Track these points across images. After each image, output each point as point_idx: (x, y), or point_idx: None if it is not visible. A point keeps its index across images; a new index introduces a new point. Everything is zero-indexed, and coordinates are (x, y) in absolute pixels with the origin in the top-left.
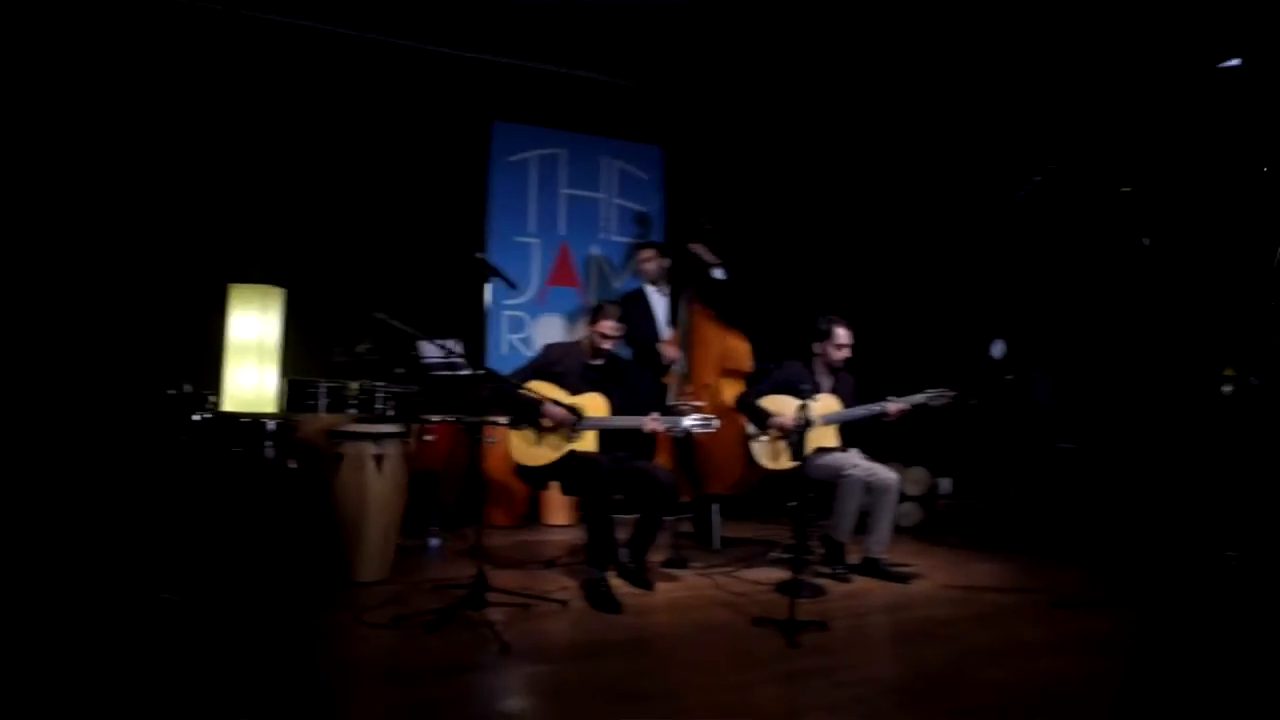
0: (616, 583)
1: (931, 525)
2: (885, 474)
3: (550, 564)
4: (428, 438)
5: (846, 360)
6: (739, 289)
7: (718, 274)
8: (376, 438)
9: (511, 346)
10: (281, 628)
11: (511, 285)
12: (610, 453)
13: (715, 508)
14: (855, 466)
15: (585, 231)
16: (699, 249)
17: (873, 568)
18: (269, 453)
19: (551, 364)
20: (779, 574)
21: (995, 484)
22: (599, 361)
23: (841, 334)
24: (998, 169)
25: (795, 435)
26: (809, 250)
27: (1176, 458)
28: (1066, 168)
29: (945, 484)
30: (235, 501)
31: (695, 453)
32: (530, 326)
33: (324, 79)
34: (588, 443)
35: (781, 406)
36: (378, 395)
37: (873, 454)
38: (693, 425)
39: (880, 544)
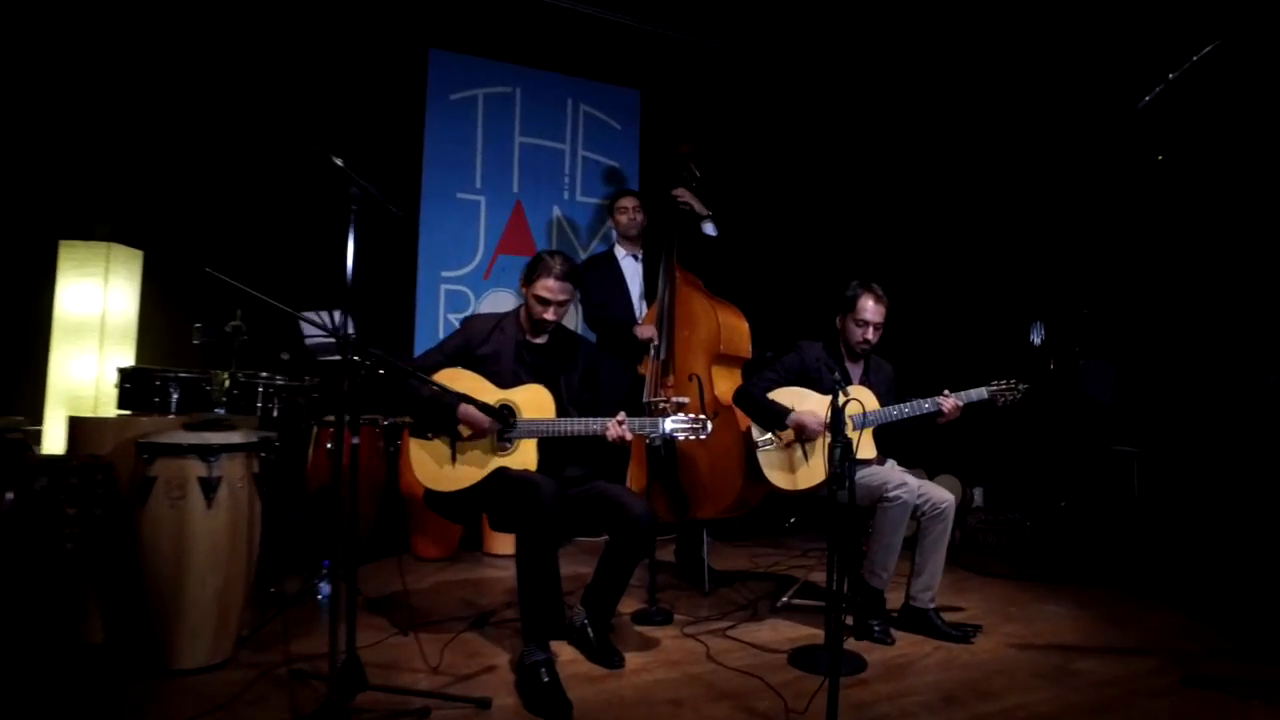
0: (569, 656)
1: (966, 546)
2: (938, 494)
3: (482, 621)
4: (331, 445)
5: (871, 342)
6: (737, 251)
7: (709, 229)
8: (205, 451)
9: (450, 329)
10: None
11: (394, 211)
12: (558, 470)
13: (706, 537)
14: (901, 486)
15: (545, 189)
16: (685, 197)
17: (921, 621)
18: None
19: (474, 344)
20: (794, 629)
21: (1040, 495)
22: (540, 340)
23: (868, 306)
24: (1044, 100)
25: (840, 442)
26: (817, 211)
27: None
28: (1187, 78)
29: (977, 495)
30: None
31: (679, 465)
32: (475, 304)
33: None
34: (523, 456)
35: (800, 401)
36: (260, 390)
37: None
38: (676, 429)
39: (930, 589)
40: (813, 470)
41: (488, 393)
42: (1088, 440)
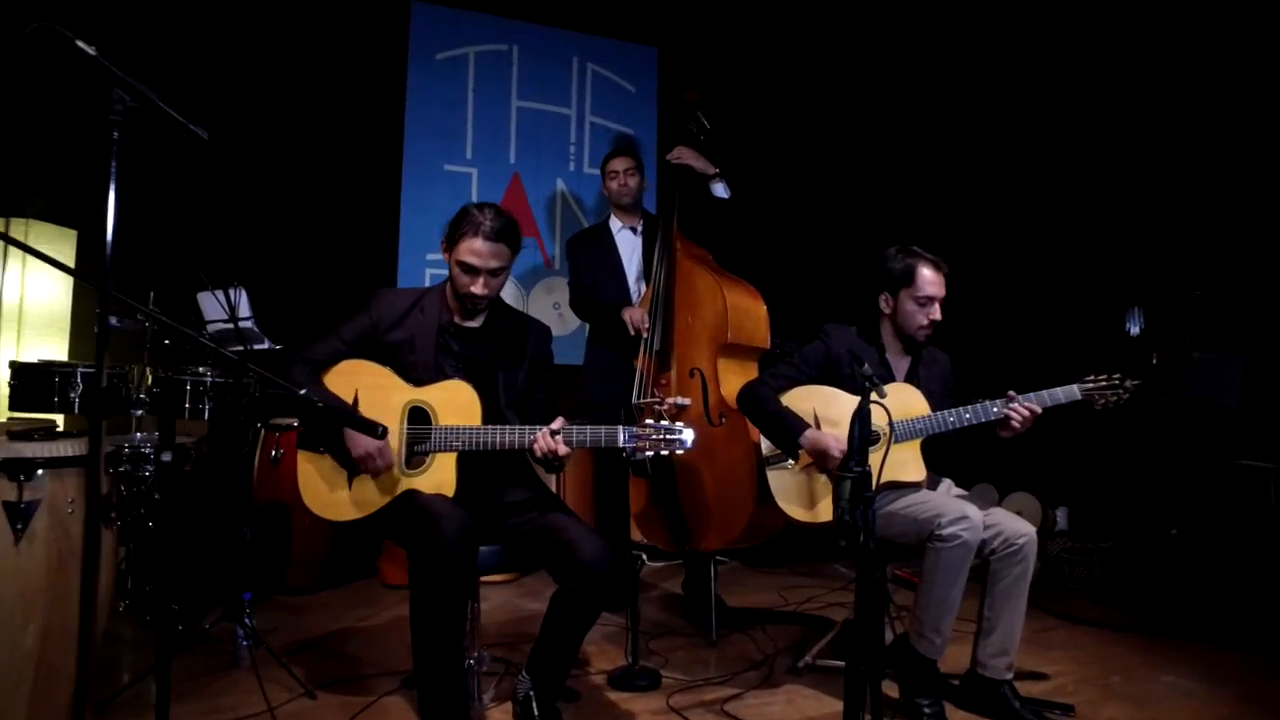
0: None
1: (1047, 582)
2: (1013, 525)
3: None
4: (277, 453)
5: (933, 327)
6: (762, 220)
7: (719, 190)
8: (16, 467)
9: None
10: None
11: (196, 132)
12: (493, 493)
13: (715, 570)
14: (961, 521)
15: (546, 159)
16: (683, 156)
17: (991, 698)
18: None
19: (384, 328)
20: (816, 702)
21: (1143, 520)
22: (474, 323)
23: (927, 277)
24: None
25: (851, 473)
26: (857, 174)
27: None
28: None
29: (1060, 518)
30: None
31: (678, 485)
32: None
33: None
34: (439, 476)
35: (826, 405)
36: (188, 388)
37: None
38: (637, 442)
39: (1005, 655)
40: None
41: (396, 392)
42: (1206, 452)
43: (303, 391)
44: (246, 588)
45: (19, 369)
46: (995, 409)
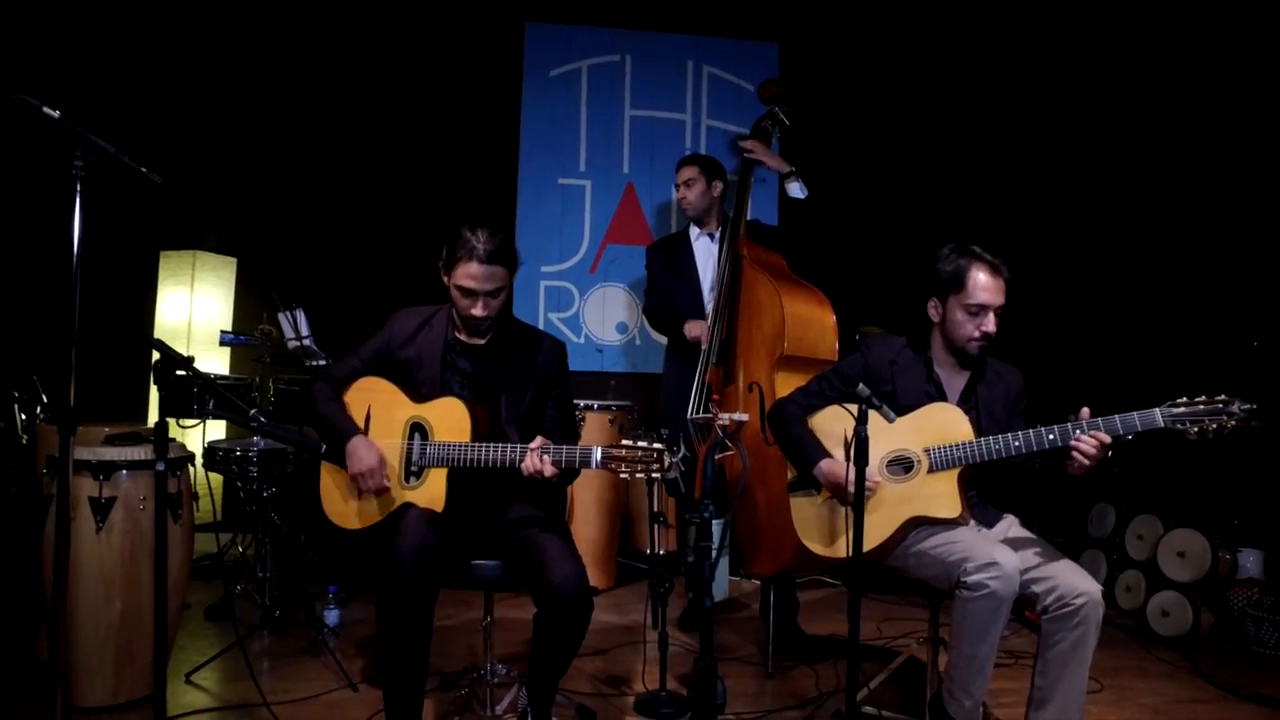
0: None
1: (1224, 640)
2: (1070, 580)
3: (449, 685)
4: None
5: (990, 337)
6: (831, 220)
7: (795, 190)
8: (99, 469)
9: (552, 330)
10: None
11: (145, 175)
12: (494, 508)
13: (774, 597)
14: (990, 567)
15: (661, 167)
16: (760, 150)
17: None
18: None
19: (395, 346)
20: None
21: None
22: (479, 340)
23: (980, 282)
24: None
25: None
26: (970, 170)
27: None
28: None
29: (1250, 562)
30: None
31: (733, 506)
32: (580, 301)
33: None
34: (431, 490)
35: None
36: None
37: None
38: (626, 466)
39: None
40: (864, 530)
41: (401, 408)
42: None
43: (253, 411)
44: (335, 581)
45: (155, 373)
46: (1052, 436)
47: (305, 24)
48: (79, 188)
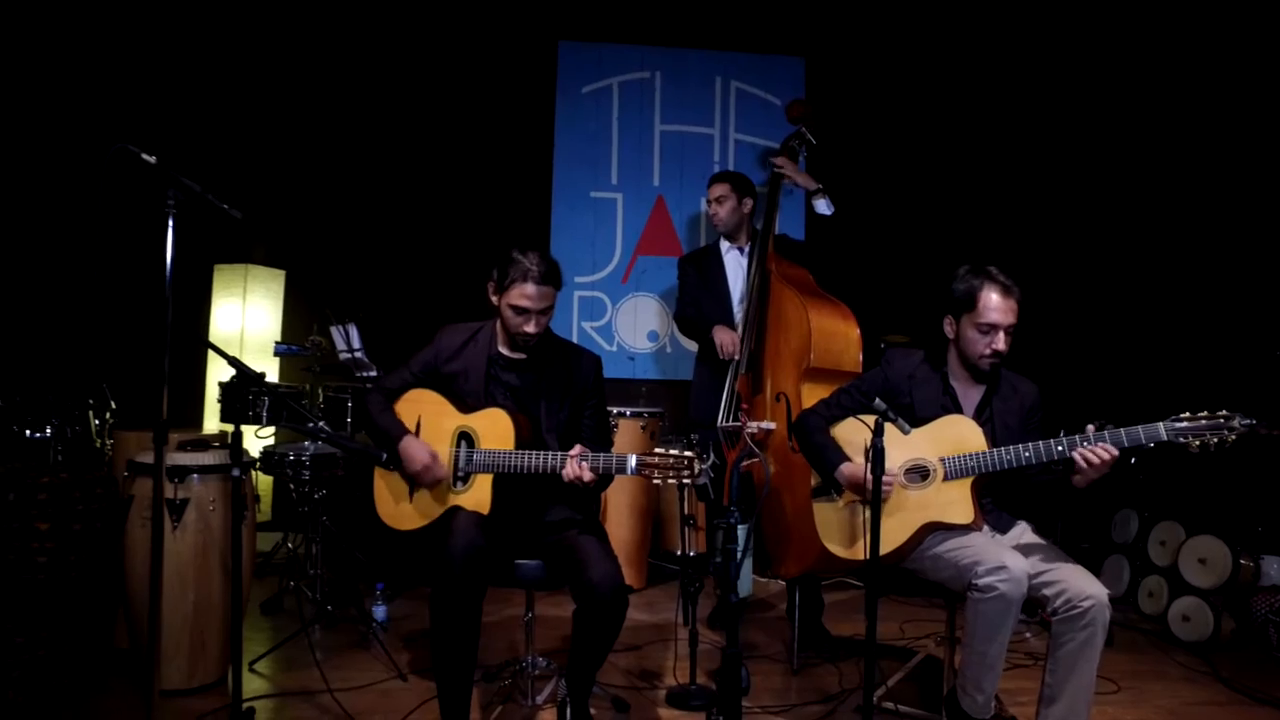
0: None
1: (1245, 646)
2: (1078, 584)
3: (493, 676)
4: None
5: (1001, 354)
6: (857, 231)
7: (822, 207)
8: (172, 472)
9: (586, 338)
10: None
11: (229, 212)
12: (535, 511)
13: (799, 598)
14: (999, 571)
15: (690, 179)
16: (789, 167)
17: None
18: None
19: (443, 359)
20: None
21: None
22: (518, 355)
23: (992, 303)
24: None
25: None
26: (993, 186)
27: None
28: None
29: (1275, 569)
30: None
31: (761, 510)
32: (613, 311)
33: None
34: (477, 495)
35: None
36: (349, 405)
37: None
38: (644, 467)
39: None
40: (882, 535)
41: (449, 418)
42: None
43: (321, 424)
44: (381, 579)
45: (225, 387)
46: (1060, 448)
47: (352, 48)
48: (170, 223)
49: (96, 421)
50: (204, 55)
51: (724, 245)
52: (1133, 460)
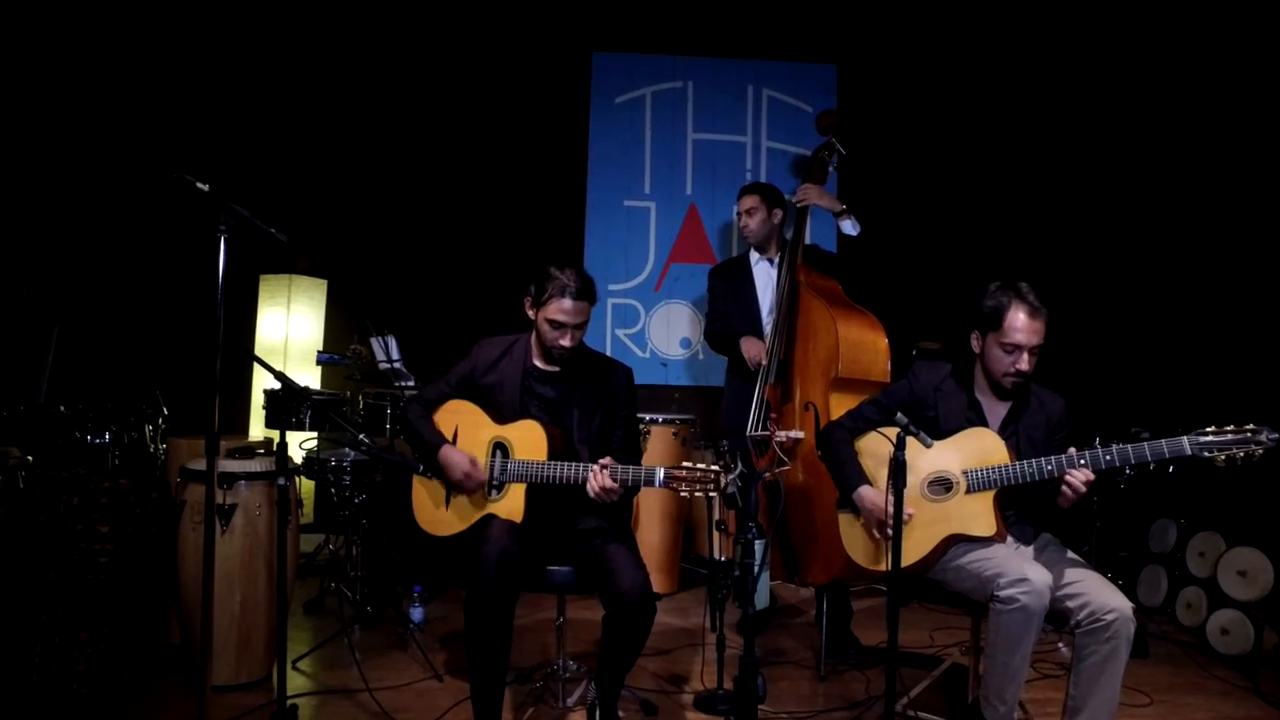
0: None
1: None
2: (1101, 597)
3: (525, 678)
4: None
5: (1025, 374)
6: (888, 237)
7: (848, 228)
8: (221, 479)
9: (619, 345)
10: None
11: (277, 236)
12: (567, 519)
13: (826, 605)
14: (1021, 583)
15: (722, 188)
16: (812, 195)
17: None
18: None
19: (480, 372)
20: None
21: None
22: (552, 368)
23: (1019, 323)
24: None
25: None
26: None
27: None
28: None
29: None
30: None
31: (789, 517)
32: (646, 318)
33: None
34: (511, 503)
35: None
36: (388, 412)
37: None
38: (685, 485)
39: None
40: (906, 546)
41: (485, 429)
42: None
43: (361, 436)
44: (418, 582)
45: (270, 395)
46: (1083, 461)
47: (392, 65)
48: (223, 245)
49: (150, 427)
50: (252, 78)
51: (753, 256)
52: (1170, 469)
